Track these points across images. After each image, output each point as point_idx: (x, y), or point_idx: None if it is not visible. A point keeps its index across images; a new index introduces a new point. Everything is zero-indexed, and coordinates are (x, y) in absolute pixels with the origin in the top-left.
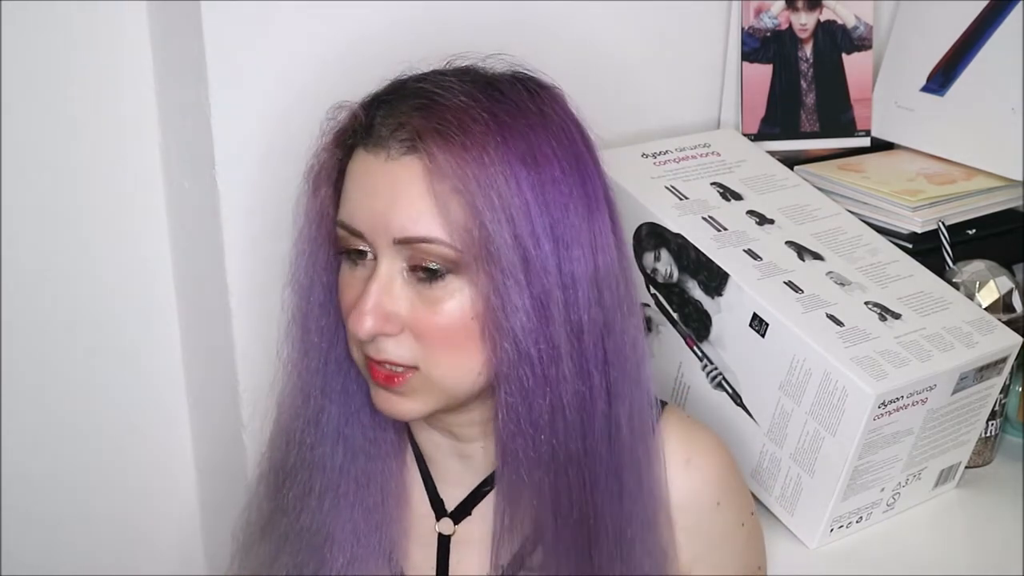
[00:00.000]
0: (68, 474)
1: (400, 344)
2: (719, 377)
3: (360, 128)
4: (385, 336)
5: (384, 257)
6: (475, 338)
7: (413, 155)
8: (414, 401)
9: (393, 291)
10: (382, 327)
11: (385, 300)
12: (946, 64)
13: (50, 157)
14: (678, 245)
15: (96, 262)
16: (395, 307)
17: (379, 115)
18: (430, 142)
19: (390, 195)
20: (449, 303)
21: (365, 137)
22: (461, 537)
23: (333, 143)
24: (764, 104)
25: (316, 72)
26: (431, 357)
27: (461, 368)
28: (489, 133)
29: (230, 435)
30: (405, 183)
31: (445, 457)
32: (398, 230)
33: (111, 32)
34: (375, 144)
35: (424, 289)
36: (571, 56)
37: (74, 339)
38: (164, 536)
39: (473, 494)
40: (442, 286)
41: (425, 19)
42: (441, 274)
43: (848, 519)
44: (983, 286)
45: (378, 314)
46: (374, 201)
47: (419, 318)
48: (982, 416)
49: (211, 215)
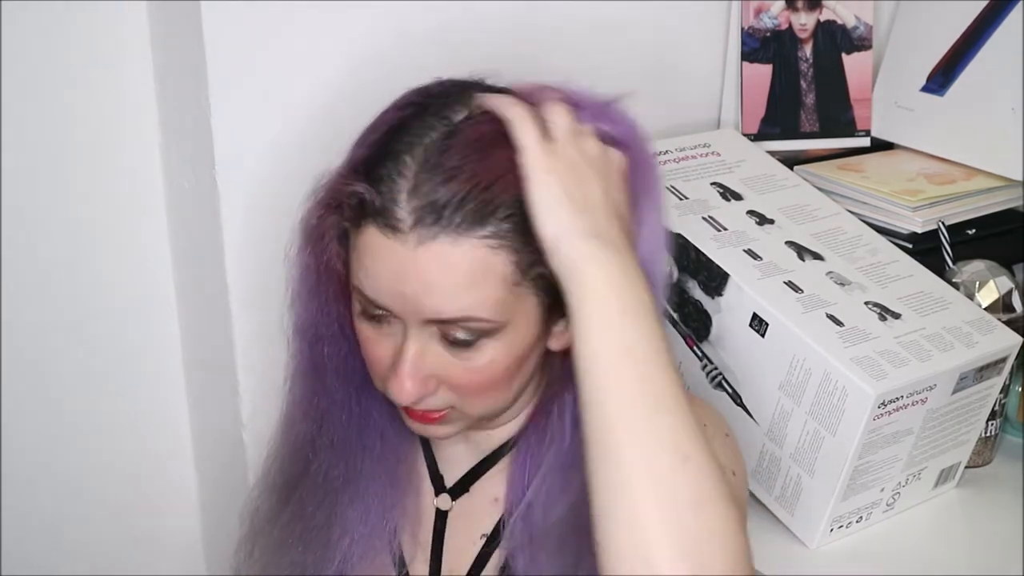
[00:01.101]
0: (68, 474)
1: (438, 396)
2: (719, 377)
3: (370, 207)
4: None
5: (413, 329)
6: (508, 380)
7: (443, 240)
8: (449, 427)
9: (428, 354)
10: (421, 392)
11: (420, 365)
12: (946, 64)
13: (50, 157)
14: (678, 245)
15: (96, 262)
16: (431, 370)
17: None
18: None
19: (423, 281)
20: (483, 359)
21: (381, 218)
22: (457, 512)
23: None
24: (764, 104)
25: (316, 72)
26: (468, 401)
27: (497, 403)
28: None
29: (230, 435)
30: (436, 270)
31: (452, 442)
32: (431, 312)
33: (111, 32)
34: (396, 228)
35: (457, 351)
36: (571, 56)
37: (74, 339)
38: (164, 536)
39: (472, 472)
40: (476, 347)
41: (425, 19)
42: (474, 340)
43: (848, 519)
44: (983, 286)
45: (417, 381)
46: (403, 287)
47: (455, 375)
48: (982, 416)
49: (211, 215)
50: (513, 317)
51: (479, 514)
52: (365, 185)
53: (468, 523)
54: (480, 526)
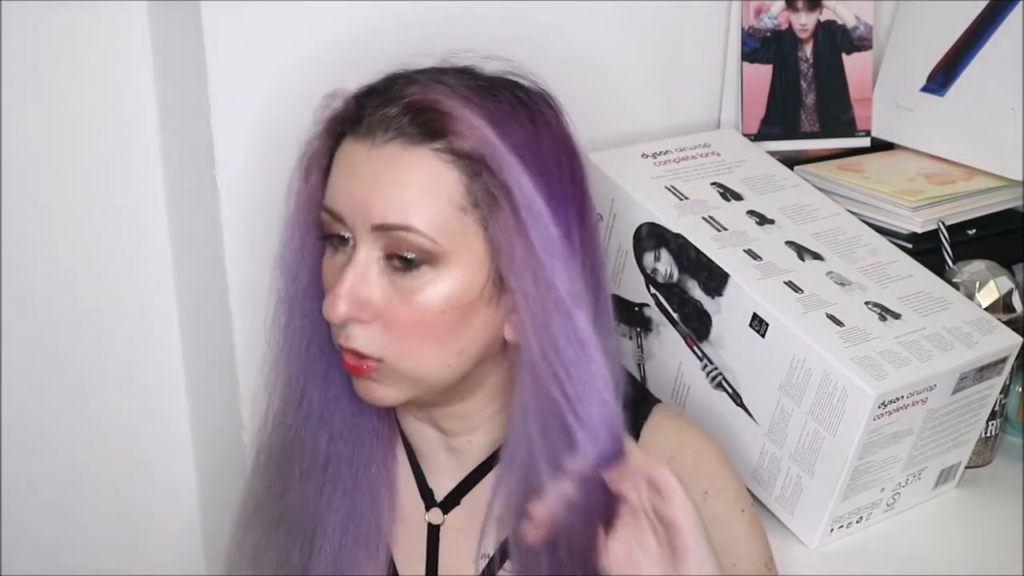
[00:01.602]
0: (68, 474)
1: (369, 333)
2: (719, 377)
3: (350, 116)
4: (357, 323)
5: (362, 243)
6: (446, 330)
7: (396, 144)
8: (388, 388)
9: (369, 278)
10: (355, 313)
11: (360, 286)
12: (946, 64)
13: (50, 157)
14: (678, 245)
15: (96, 262)
16: (369, 294)
17: (370, 105)
18: (416, 133)
19: (371, 181)
20: (421, 295)
21: (354, 125)
22: (450, 526)
23: (324, 130)
24: (764, 104)
25: (316, 72)
26: (398, 348)
27: (430, 359)
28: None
29: (230, 435)
30: (387, 171)
31: (434, 450)
32: (377, 216)
33: (111, 32)
34: (362, 133)
35: (399, 279)
36: (571, 56)
37: (74, 339)
38: (164, 536)
39: (462, 484)
40: (416, 276)
41: (425, 18)
42: (416, 264)
43: (848, 519)
44: (983, 286)
45: (351, 299)
46: (356, 186)
47: (391, 308)
48: (982, 416)
49: (211, 215)
50: (456, 250)
51: (479, 531)
52: (353, 100)
53: (467, 539)
54: (481, 545)
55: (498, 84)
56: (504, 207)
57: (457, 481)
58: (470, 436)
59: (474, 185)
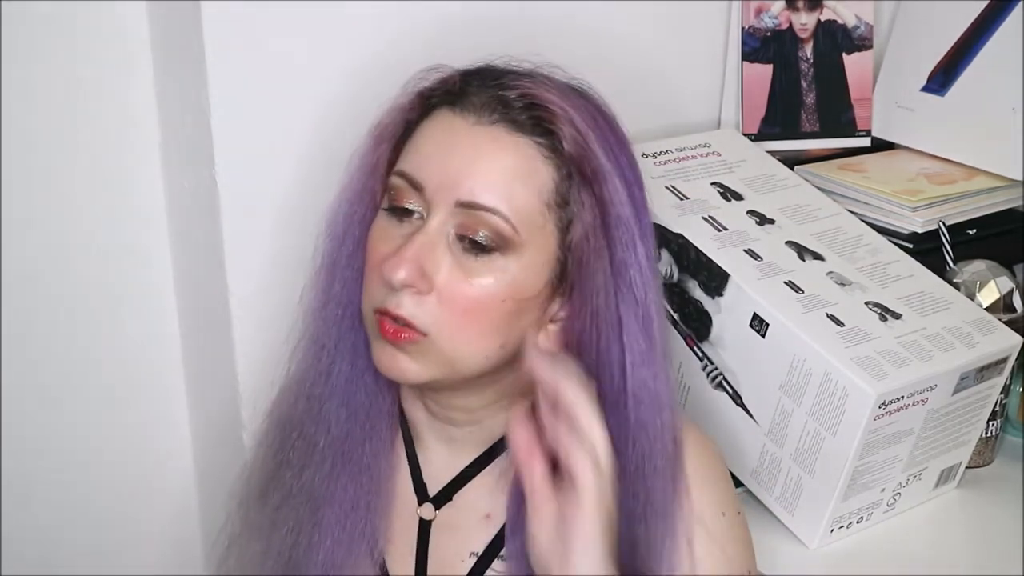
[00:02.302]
0: (68, 474)
1: (421, 305)
2: (719, 377)
3: (452, 89)
4: (411, 291)
5: (437, 216)
6: (499, 319)
7: (502, 127)
8: (416, 363)
9: (436, 251)
10: (415, 280)
11: (427, 256)
12: (946, 64)
13: (50, 157)
14: (678, 245)
15: (96, 262)
16: (435, 266)
17: (478, 84)
18: (525, 122)
19: (471, 156)
20: (487, 279)
21: (455, 99)
22: (440, 522)
23: (413, 101)
24: (764, 104)
25: (316, 72)
26: (447, 328)
27: (473, 345)
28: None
29: (230, 435)
30: (487, 149)
31: (434, 439)
32: (466, 192)
33: (111, 32)
34: (465, 107)
35: (465, 259)
36: (571, 56)
37: (74, 339)
38: (163, 536)
39: (455, 481)
40: (485, 261)
41: (425, 19)
42: (488, 249)
43: (848, 519)
44: (983, 286)
45: (415, 267)
46: (450, 158)
47: (451, 284)
48: (982, 416)
49: (211, 215)
50: (531, 243)
51: (468, 529)
52: (458, 75)
53: (455, 537)
54: (470, 543)
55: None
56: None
57: (450, 476)
58: (471, 428)
59: (565, 186)
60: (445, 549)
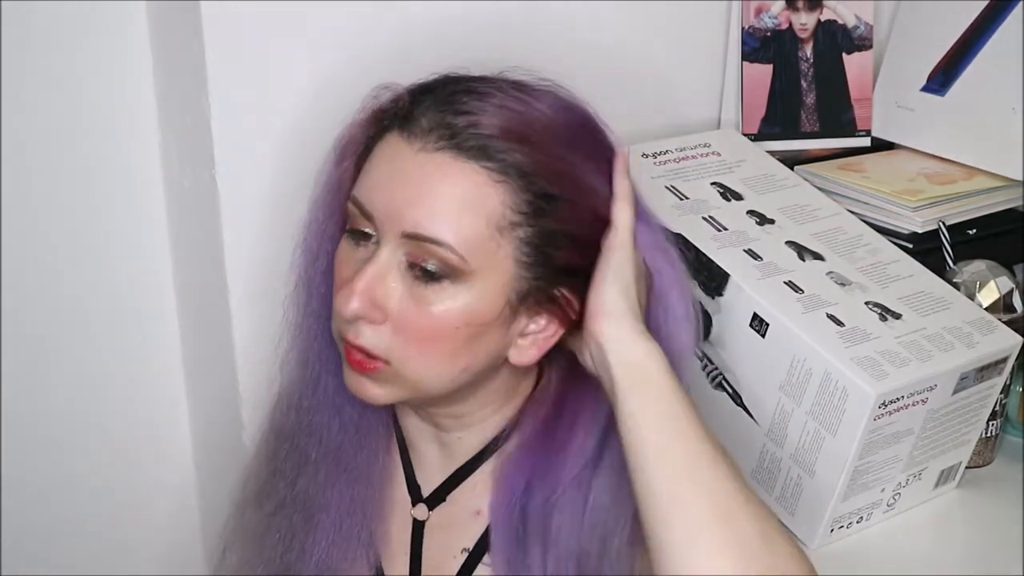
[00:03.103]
0: (68, 474)
1: (378, 334)
2: (719, 377)
3: (400, 111)
4: (367, 322)
5: (387, 245)
6: (456, 345)
7: (448, 153)
8: (382, 388)
9: (387, 280)
10: (367, 312)
11: (377, 286)
12: (946, 64)
13: (50, 157)
14: (678, 245)
15: (96, 262)
16: (385, 297)
17: (423, 104)
18: (471, 148)
19: (413, 187)
20: (439, 307)
21: (403, 122)
22: (434, 522)
23: (369, 119)
24: (764, 104)
25: (315, 72)
26: (405, 354)
27: (433, 370)
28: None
29: (230, 435)
30: (432, 179)
31: (426, 443)
32: (410, 224)
33: (111, 32)
34: (412, 131)
35: (417, 287)
36: (571, 56)
37: (74, 339)
38: (164, 536)
39: (448, 481)
40: (436, 289)
41: (425, 19)
42: (438, 277)
43: (848, 519)
44: (983, 286)
45: (366, 298)
46: (395, 188)
47: (404, 314)
48: (982, 416)
49: (211, 215)
50: (483, 270)
51: (459, 526)
52: (407, 95)
53: (447, 535)
54: (461, 539)
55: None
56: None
57: (444, 477)
58: (462, 433)
59: (518, 207)
60: (438, 547)
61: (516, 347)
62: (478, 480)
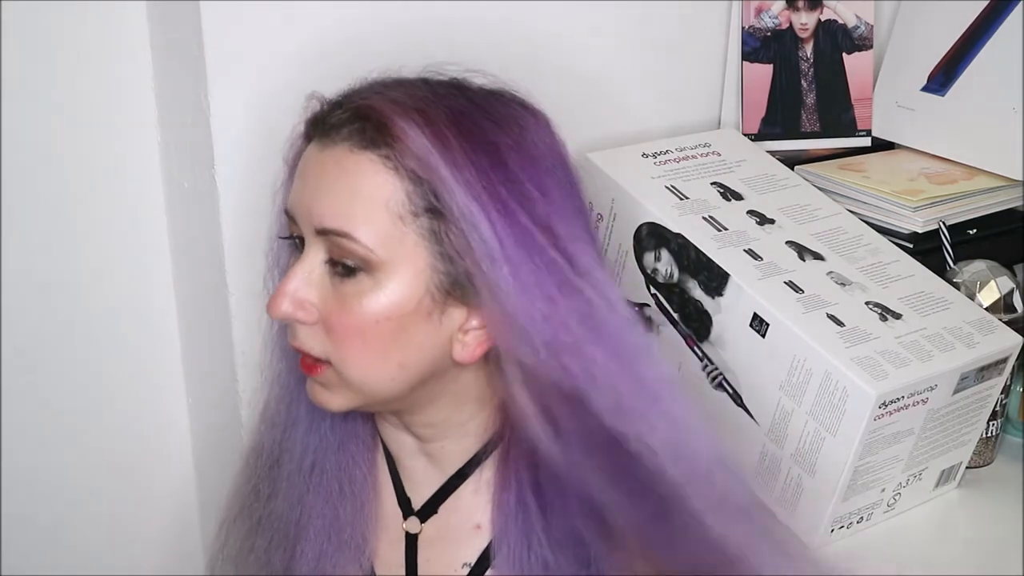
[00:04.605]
0: (68, 474)
1: (312, 335)
2: (719, 377)
3: (316, 119)
4: (300, 323)
5: (310, 246)
6: (384, 340)
7: (344, 147)
8: (333, 394)
9: (313, 280)
10: (294, 312)
11: (303, 287)
12: (947, 64)
13: (50, 157)
14: (678, 245)
15: (96, 262)
16: (311, 296)
17: (334, 107)
18: (364, 139)
19: (316, 183)
20: (358, 301)
21: (318, 128)
22: (429, 535)
23: (300, 133)
24: (765, 104)
25: (316, 72)
26: (340, 353)
27: (371, 369)
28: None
29: (230, 435)
30: (332, 173)
31: (410, 456)
32: (317, 219)
33: (111, 32)
34: (323, 134)
35: (340, 284)
36: (572, 56)
37: (74, 339)
38: (164, 536)
39: (439, 493)
40: (354, 282)
41: (425, 21)
42: (354, 271)
43: (849, 519)
44: (984, 286)
45: (294, 299)
46: (304, 187)
47: (330, 312)
48: (983, 416)
49: (211, 215)
50: (395, 260)
51: (459, 540)
52: (326, 103)
53: (445, 549)
54: (461, 554)
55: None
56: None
57: (434, 488)
58: (442, 442)
59: (416, 195)
60: (437, 561)
61: (460, 343)
62: (473, 490)
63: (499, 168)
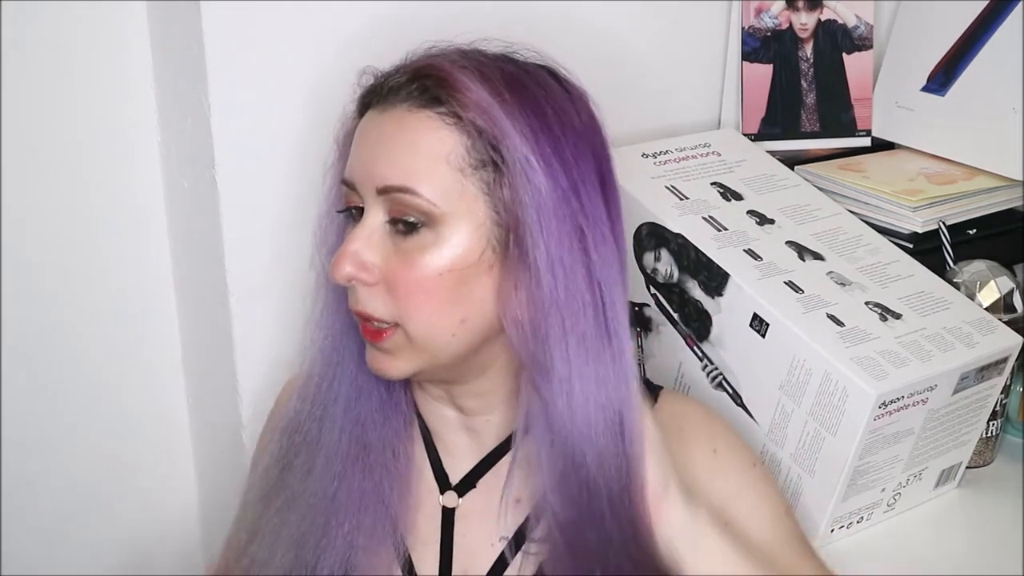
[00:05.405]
0: (68, 474)
1: (375, 297)
2: (719, 377)
3: (375, 88)
4: (363, 285)
5: (370, 208)
6: (447, 293)
7: (403, 107)
8: (398, 359)
9: (373, 241)
10: (357, 273)
11: (364, 249)
12: (947, 64)
13: (50, 157)
14: (678, 245)
15: (96, 262)
16: (373, 257)
17: (392, 75)
18: (421, 97)
19: (377, 144)
20: (421, 255)
21: (376, 96)
22: (465, 510)
23: (355, 108)
24: (764, 104)
25: (316, 71)
26: (404, 311)
27: (435, 324)
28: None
29: (230, 435)
30: (392, 133)
31: (452, 431)
32: (379, 178)
33: (111, 32)
34: (381, 101)
35: (401, 242)
36: (571, 56)
37: (74, 339)
38: (164, 536)
39: (478, 467)
40: (416, 238)
41: (426, 18)
42: (417, 227)
43: (849, 519)
44: (984, 286)
45: (356, 260)
46: (364, 150)
47: (392, 270)
48: (983, 416)
49: (211, 215)
50: (456, 212)
51: (497, 514)
52: (382, 74)
53: (483, 523)
54: (499, 527)
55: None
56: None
57: (474, 463)
58: (489, 416)
59: (475, 149)
60: (474, 536)
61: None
62: (514, 466)
63: (546, 130)
